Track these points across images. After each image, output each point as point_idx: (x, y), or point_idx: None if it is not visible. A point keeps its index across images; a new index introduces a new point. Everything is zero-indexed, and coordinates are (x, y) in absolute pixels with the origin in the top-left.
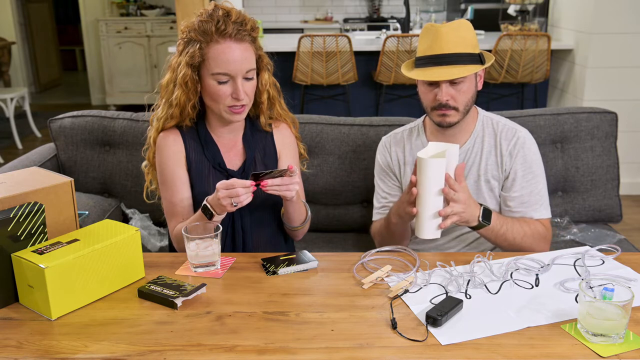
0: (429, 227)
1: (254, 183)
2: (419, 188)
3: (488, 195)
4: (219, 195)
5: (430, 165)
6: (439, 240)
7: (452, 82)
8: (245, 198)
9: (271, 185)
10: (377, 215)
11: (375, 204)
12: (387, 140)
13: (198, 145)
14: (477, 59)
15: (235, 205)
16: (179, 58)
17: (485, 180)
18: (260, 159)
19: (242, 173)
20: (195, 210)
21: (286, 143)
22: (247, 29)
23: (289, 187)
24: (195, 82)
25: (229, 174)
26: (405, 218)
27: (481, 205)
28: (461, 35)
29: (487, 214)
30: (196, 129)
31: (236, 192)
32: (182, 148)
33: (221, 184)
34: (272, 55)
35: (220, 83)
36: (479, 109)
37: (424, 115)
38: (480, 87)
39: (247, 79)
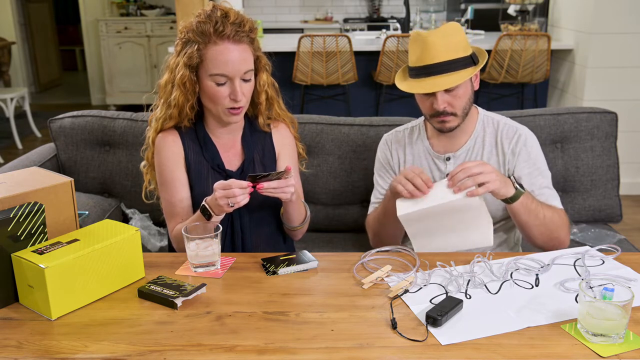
0: (407, 206)
1: (251, 184)
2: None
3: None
4: (216, 195)
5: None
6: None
7: (447, 90)
8: (242, 199)
9: (267, 188)
10: (372, 207)
11: (373, 199)
12: (389, 138)
13: (197, 146)
14: (470, 60)
15: (232, 206)
16: (177, 59)
17: None
18: (259, 159)
19: (241, 173)
20: (194, 211)
21: (285, 143)
22: (246, 30)
23: (285, 189)
24: (194, 83)
25: (227, 175)
26: (397, 189)
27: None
28: (450, 40)
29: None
30: (195, 130)
31: (233, 193)
32: (181, 149)
33: (218, 184)
34: (271, 55)
35: (218, 84)
36: (480, 108)
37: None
38: (476, 87)
39: (245, 80)
